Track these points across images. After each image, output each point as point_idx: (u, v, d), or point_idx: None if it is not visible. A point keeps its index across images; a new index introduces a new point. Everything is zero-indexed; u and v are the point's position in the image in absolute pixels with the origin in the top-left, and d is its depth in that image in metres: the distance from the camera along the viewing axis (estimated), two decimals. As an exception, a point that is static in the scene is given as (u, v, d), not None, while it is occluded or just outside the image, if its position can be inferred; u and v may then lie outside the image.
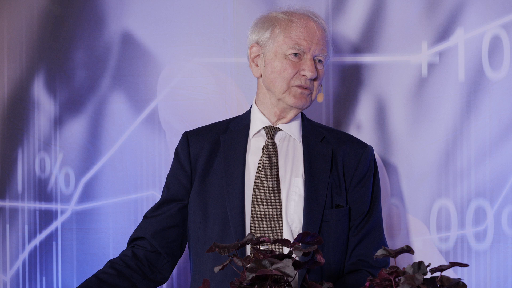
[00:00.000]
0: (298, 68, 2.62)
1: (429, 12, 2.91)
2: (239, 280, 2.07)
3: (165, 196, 2.75)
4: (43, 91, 3.39)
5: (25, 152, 3.42)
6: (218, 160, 2.67)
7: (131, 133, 3.25)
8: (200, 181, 2.68)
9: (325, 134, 2.71)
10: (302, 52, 2.62)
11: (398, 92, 2.95)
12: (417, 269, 1.98)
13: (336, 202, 2.62)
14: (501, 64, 2.84)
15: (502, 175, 2.83)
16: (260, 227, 2.58)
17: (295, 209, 2.60)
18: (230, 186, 2.62)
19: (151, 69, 3.23)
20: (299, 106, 2.65)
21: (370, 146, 2.72)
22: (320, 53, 2.64)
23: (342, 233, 2.62)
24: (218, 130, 2.73)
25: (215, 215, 2.62)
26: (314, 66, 2.62)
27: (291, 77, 2.62)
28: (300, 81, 2.62)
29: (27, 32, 3.42)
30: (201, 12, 3.16)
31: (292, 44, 2.62)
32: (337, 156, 2.66)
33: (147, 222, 2.74)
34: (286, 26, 2.64)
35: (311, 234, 2.13)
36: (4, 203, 3.46)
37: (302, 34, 2.62)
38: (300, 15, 2.66)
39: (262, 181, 2.62)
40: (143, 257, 2.70)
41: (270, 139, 2.67)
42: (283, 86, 2.63)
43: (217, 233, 2.60)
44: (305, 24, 2.63)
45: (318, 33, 2.64)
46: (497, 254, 2.83)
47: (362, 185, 2.66)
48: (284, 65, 2.62)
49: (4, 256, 3.46)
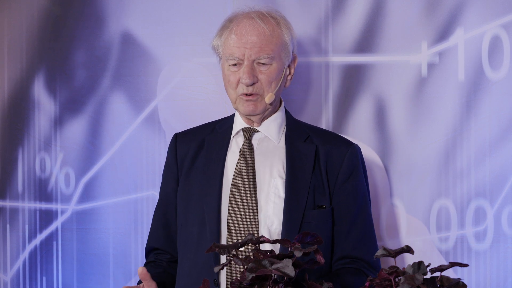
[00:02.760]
0: (239, 76, 2.61)
1: (429, 12, 2.91)
2: (239, 280, 2.07)
3: (159, 200, 2.76)
4: (44, 91, 3.39)
5: (25, 152, 3.42)
6: (201, 161, 2.67)
7: (131, 133, 3.26)
8: (184, 181, 2.68)
9: (309, 134, 2.68)
10: (240, 60, 2.60)
11: (397, 92, 2.95)
12: (417, 269, 1.98)
13: (318, 203, 2.60)
14: (501, 64, 2.84)
15: (502, 175, 2.83)
16: (236, 228, 2.57)
17: (274, 211, 2.58)
18: (209, 187, 2.62)
19: (151, 69, 3.23)
20: (250, 113, 2.63)
21: (356, 145, 2.68)
22: (258, 56, 2.60)
23: (324, 234, 2.57)
24: (206, 130, 2.73)
25: (194, 216, 2.62)
26: (252, 71, 2.59)
27: (235, 86, 2.62)
28: (243, 89, 2.61)
29: (27, 32, 3.42)
30: (201, 12, 3.16)
31: (227, 56, 2.61)
32: (320, 155, 2.63)
33: (154, 229, 2.75)
34: (225, 35, 2.63)
35: (311, 234, 2.13)
36: (5, 203, 3.46)
37: (234, 41, 2.60)
38: (240, 17, 2.63)
39: (238, 183, 2.61)
40: (166, 264, 2.72)
41: (247, 140, 2.66)
42: (233, 95, 2.63)
43: (196, 234, 2.61)
44: (239, 29, 2.61)
45: (253, 35, 2.60)
46: (497, 254, 2.83)
47: (349, 185, 2.62)
48: (228, 76, 2.63)
49: (5, 256, 3.47)
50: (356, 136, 2.85)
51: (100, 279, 3.29)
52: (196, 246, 2.60)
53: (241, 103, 2.63)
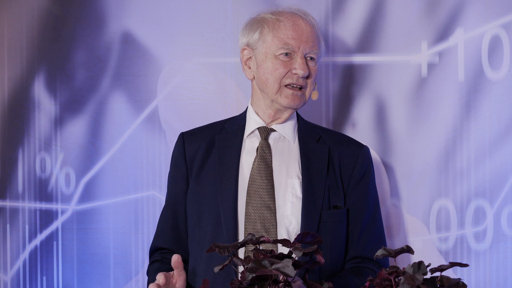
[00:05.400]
0: (289, 67, 2.62)
1: (429, 12, 2.92)
2: (239, 280, 2.07)
3: (167, 200, 2.75)
4: (44, 91, 3.39)
5: (25, 152, 3.42)
6: (213, 160, 2.67)
7: (131, 133, 3.26)
8: (195, 182, 2.67)
9: (321, 135, 2.70)
10: (292, 51, 2.61)
11: (397, 92, 2.95)
12: (417, 269, 1.98)
13: (333, 203, 2.62)
14: (501, 64, 2.84)
15: (501, 175, 2.83)
16: (254, 228, 2.57)
17: (293, 211, 2.59)
18: (224, 186, 2.62)
19: (151, 69, 3.23)
20: (292, 106, 2.64)
21: (366, 146, 2.72)
22: (311, 51, 2.63)
23: (340, 234, 2.62)
24: (214, 130, 2.73)
25: (208, 216, 2.62)
26: (306, 64, 2.62)
27: (283, 76, 2.62)
28: (292, 79, 2.62)
29: (27, 32, 3.42)
30: (201, 12, 3.16)
31: (281, 44, 2.61)
32: (333, 156, 2.66)
33: (161, 230, 2.74)
34: (274, 26, 2.63)
35: (311, 234, 2.13)
36: (5, 203, 3.47)
37: (290, 33, 2.62)
38: (288, 13, 2.65)
39: (256, 182, 2.61)
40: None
41: (264, 140, 2.67)
42: (275, 86, 2.62)
43: (210, 234, 2.60)
44: (292, 22, 2.63)
45: (307, 30, 2.63)
46: (496, 254, 2.84)
47: (362, 186, 2.65)
48: (275, 65, 2.62)
49: (5, 256, 3.47)
50: (356, 136, 2.85)
51: (100, 279, 3.29)
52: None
53: (285, 95, 2.63)
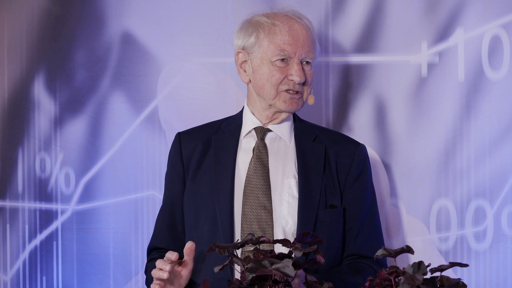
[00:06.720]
0: (286, 73, 2.61)
1: (429, 12, 2.91)
2: (239, 280, 2.07)
3: (164, 200, 2.75)
4: (44, 91, 3.39)
5: (25, 152, 3.42)
6: (209, 160, 2.67)
7: (131, 133, 3.26)
8: (192, 181, 2.67)
9: (317, 134, 2.70)
10: (288, 57, 2.60)
11: (397, 92, 2.95)
12: (417, 269, 1.98)
13: (330, 202, 2.62)
14: (501, 64, 2.84)
15: (502, 175, 2.83)
16: (250, 228, 2.57)
17: (289, 210, 2.59)
18: (220, 186, 2.62)
19: (151, 69, 3.23)
20: (291, 110, 2.64)
21: (363, 144, 2.71)
22: (307, 56, 2.62)
23: (336, 233, 2.62)
24: (211, 130, 2.73)
25: (205, 216, 2.62)
26: (302, 70, 2.61)
27: (279, 82, 2.61)
28: (289, 85, 2.62)
29: (27, 32, 3.42)
30: (201, 12, 3.16)
31: (277, 51, 2.60)
32: (330, 155, 2.66)
33: (158, 230, 2.74)
34: (270, 31, 2.62)
35: (311, 234, 2.13)
36: (5, 203, 3.47)
37: (286, 38, 2.61)
38: (283, 17, 2.64)
39: (252, 182, 2.61)
40: None
41: (261, 140, 2.67)
42: (272, 92, 2.62)
43: (207, 234, 2.60)
44: (288, 27, 2.62)
45: (303, 34, 2.62)
46: (496, 254, 2.84)
47: (359, 184, 2.65)
48: (272, 71, 2.61)
49: (5, 256, 3.47)
50: (356, 136, 2.85)
51: (100, 279, 3.29)
52: (208, 245, 2.59)
53: (283, 100, 2.63)
